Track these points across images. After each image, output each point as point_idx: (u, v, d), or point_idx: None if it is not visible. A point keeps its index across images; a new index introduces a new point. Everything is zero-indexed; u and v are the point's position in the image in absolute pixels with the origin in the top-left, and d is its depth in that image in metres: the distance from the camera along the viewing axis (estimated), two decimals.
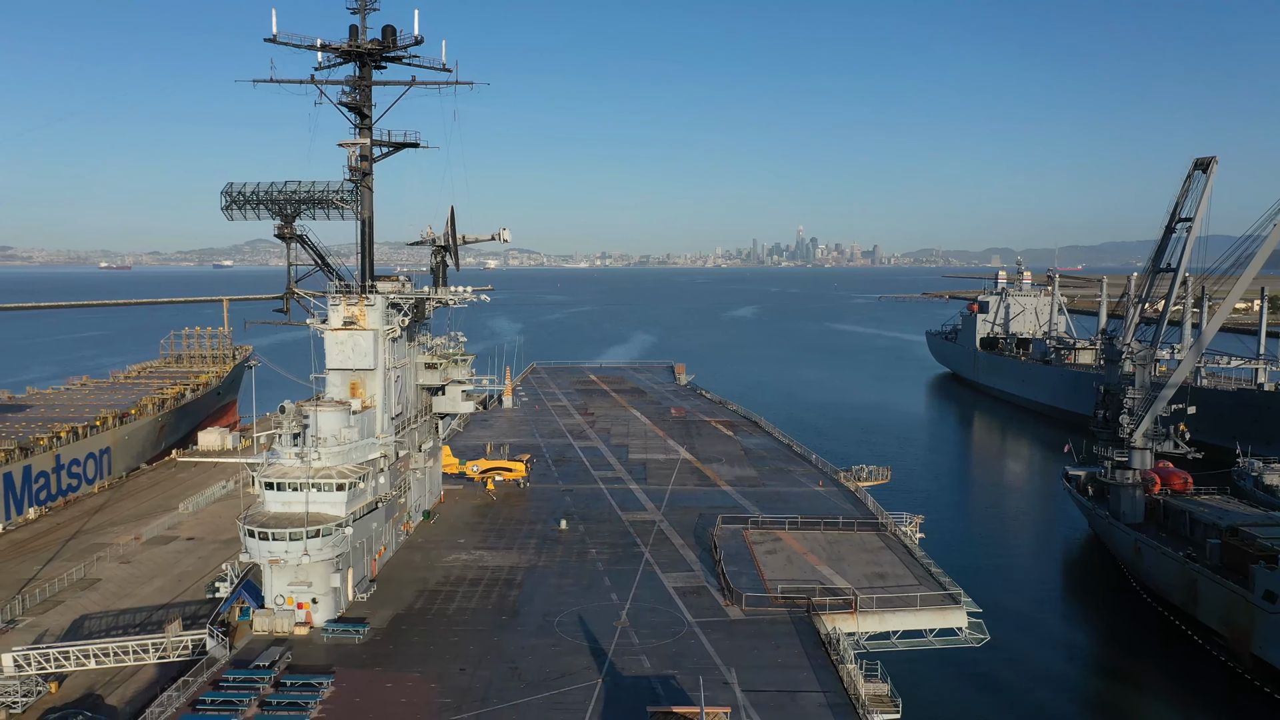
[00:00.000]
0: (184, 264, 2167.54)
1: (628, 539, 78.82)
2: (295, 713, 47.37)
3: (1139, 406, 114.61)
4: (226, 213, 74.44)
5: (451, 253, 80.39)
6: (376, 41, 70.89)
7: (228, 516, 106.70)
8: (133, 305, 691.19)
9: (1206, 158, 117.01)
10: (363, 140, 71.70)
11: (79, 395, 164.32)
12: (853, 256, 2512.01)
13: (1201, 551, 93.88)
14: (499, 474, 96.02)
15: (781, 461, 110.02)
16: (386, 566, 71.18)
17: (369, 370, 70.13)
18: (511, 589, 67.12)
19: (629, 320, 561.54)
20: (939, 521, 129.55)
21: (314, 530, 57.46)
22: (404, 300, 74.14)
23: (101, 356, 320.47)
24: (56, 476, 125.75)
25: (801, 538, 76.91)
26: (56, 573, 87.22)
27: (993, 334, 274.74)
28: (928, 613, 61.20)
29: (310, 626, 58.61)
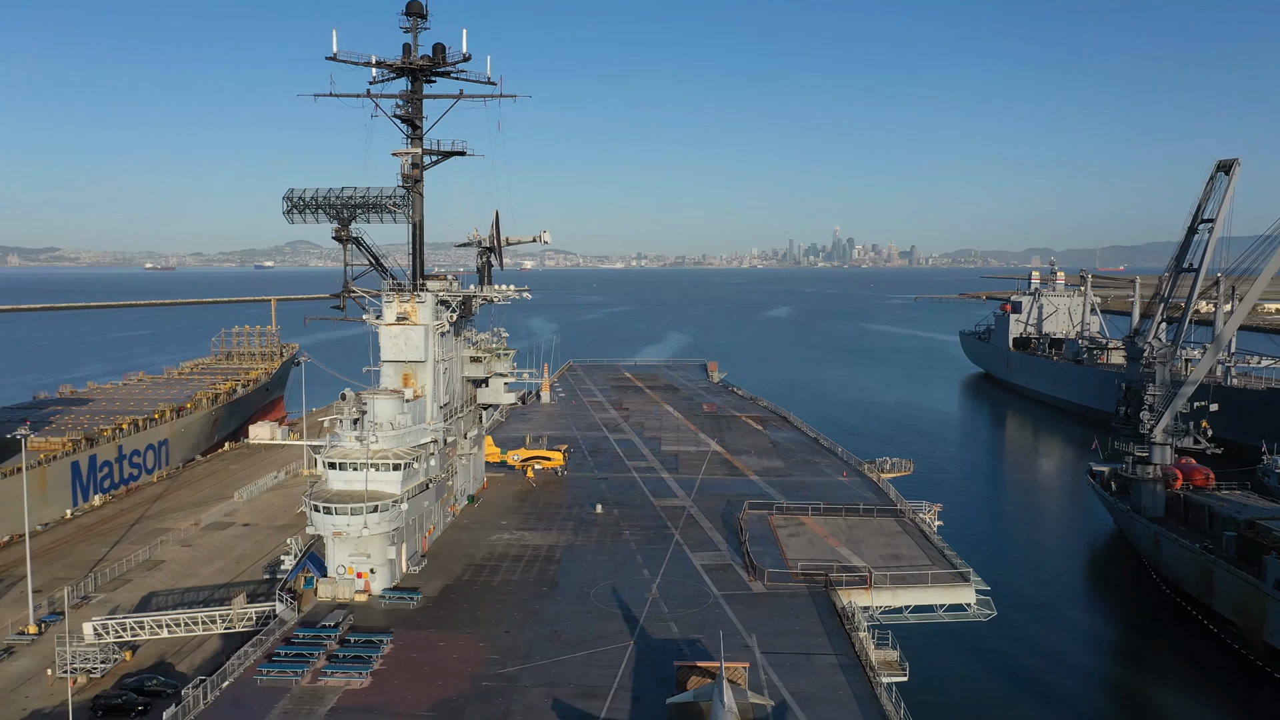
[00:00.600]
0: (226, 264, 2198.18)
1: (659, 522, 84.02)
2: (359, 665, 53.00)
3: (1159, 403, 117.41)
4: (287, 216, 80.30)
5: (496, 254, 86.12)
6: (427, 58, 76.56)
7: (280, 504, 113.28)
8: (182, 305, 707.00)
9: (1229, 160, 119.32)
10: (415, 150, 77.44)
11: (137, 390, 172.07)
12: (890, 257, 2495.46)
13: (1218, 544, 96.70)
14: (538, 462, 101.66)
15: (808, 454, 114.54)
16: (435, 544, 76.78)
17: (420, 362, 75.87)
18: (551, 565, 72.61)
19: (664, 320, 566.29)
20: (963, 513, 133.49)
21: (372, 506, 63.31)
22: (452, 298, 79.88)
23: (151, 355, 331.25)
24: (119, 466, 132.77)
25: (823, 522, 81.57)
26: (123, 554, 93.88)
27: (1025, 334, 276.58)
28: (938, 589, 65.72)
29: (369, 594, 64.38)
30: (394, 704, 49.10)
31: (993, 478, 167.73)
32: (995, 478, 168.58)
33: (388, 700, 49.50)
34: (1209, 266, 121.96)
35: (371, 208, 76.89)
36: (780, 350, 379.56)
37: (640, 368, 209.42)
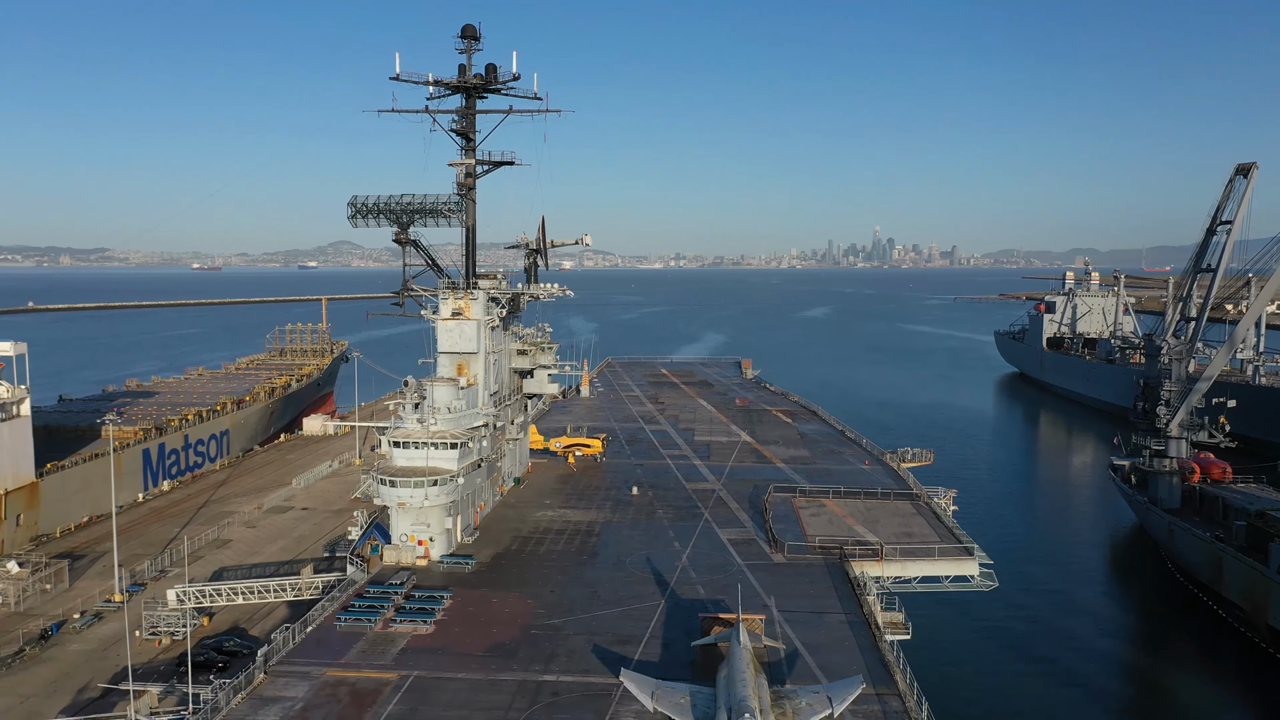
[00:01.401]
0: (270, 265, 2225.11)
1: (690, 503, 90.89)
2: (424, 615, 60.55)
3: (1175, 399, 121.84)
4: (351, 221, 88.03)
5: (542, 255, 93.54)
6: (480, 77, 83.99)
7: (335, 491, 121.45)
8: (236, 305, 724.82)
9: (1248, 163, 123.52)
10: (468, 160, 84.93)
11: (198, 384, 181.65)
12: (930, 257, 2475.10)
13: (1229, 533, 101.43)
14: (579, 449, 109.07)
15: (834, 445, 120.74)
16: (486, 519, 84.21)
17: (472, 353, 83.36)
18: (590, 537, 79.87)
19: (701, 320, 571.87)
20: (983, 502, 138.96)
21: (432, 480, 70.87)
22: (501, 295, 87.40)
23: (202, 352, 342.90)
24: (185, 454, 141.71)
25: (842, 504, 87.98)
26: (193, 534, 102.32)
27: (1059, 334, 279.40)
28: (944, 561, 71.93)
29: (428, 559, 72.01)
30: (455, 646, 56.54)
31: (1017, 471, 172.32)
32: (1020, 471, 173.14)
33: (449, 643, 56.95)
34: (1226, 267, 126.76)
35: (429, 213, 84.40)
36: (815, 350, 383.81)
37: (676, 365, 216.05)
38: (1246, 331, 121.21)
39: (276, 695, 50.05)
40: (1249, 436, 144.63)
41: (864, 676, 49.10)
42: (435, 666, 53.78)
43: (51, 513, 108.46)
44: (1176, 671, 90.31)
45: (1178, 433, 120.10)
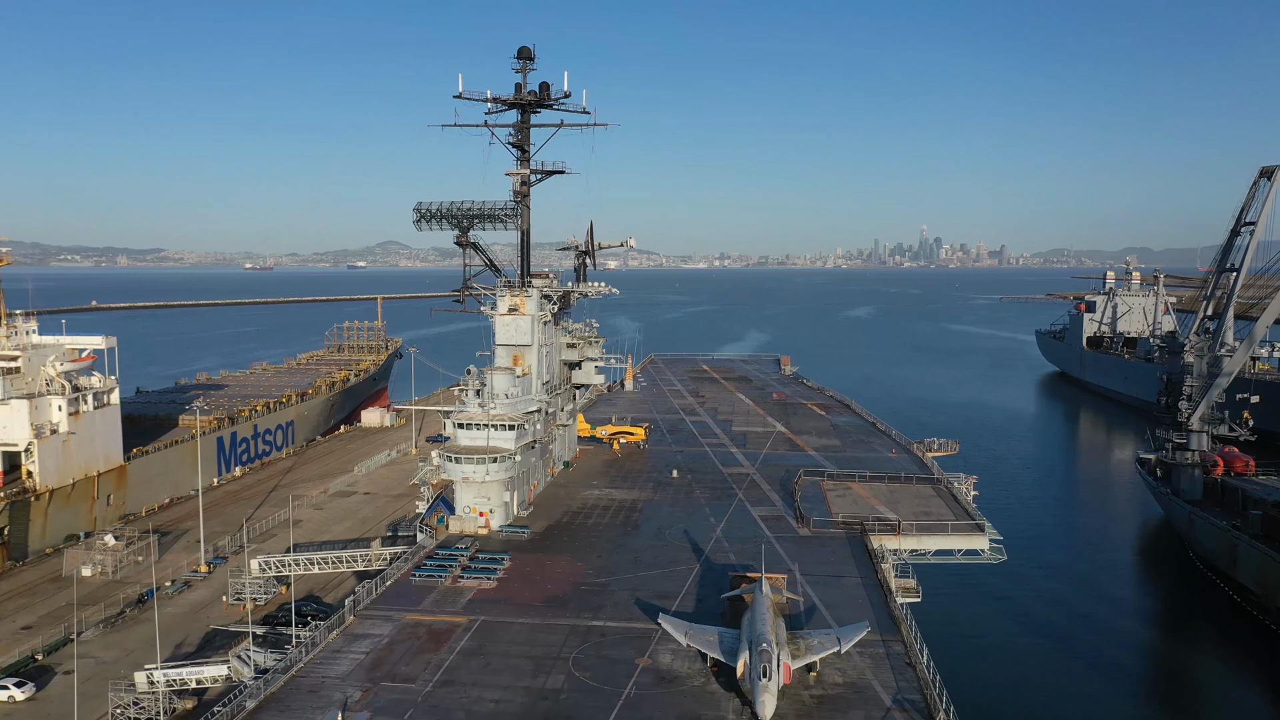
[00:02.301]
0: (320, 265, 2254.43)
1: (725, 484, 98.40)
2: (487, 573, 69.02)
3: (1196, 393, 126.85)
4: (416, 225, 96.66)
5: (590, 256, 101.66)
6: (534, 94, 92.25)
7: (394, 478, 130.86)
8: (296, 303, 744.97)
9: (1272, 166, 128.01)
10: (523, 170, 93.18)
11: (263, 378, 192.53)
12: (978, 257, 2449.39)
13: (1246, 521, 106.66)
14: (623, 437, 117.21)
15: (864, 435, 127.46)
16: (539, 496, 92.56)
17: (527, 345, 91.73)
18: (633, 513, 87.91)
19: (744, 319, 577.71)
20: (1011, 492, 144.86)
21: (492, 458, 79.31)
22: (553, 293, 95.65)
23: (258, 349, 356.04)
24: (254, 442, 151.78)
25: (867, 487, 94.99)
26: (266, 515, 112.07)
27: (1099, 333, 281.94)
28: (957, 536, 78.77)
29: (489, 529, 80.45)
30: (516, 598, 64.81)
31: (1047, 464, 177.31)
32: (1050, 464, 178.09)
33: (511, 595, 65.26)
34: (1249, 267, 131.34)
35: (487, 218, 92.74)
36: (857, 349, 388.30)
37: (717, 361, 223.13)
38: (1263, 330, 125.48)
39: (365, 633, 58.50)
40: (1273, 432, 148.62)
41: (872, 625, 56.29)
42: (499, 613, 62.04)
43: (137, 494, 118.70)
44: (1187, 650, 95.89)
45: (1198, 426, 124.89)
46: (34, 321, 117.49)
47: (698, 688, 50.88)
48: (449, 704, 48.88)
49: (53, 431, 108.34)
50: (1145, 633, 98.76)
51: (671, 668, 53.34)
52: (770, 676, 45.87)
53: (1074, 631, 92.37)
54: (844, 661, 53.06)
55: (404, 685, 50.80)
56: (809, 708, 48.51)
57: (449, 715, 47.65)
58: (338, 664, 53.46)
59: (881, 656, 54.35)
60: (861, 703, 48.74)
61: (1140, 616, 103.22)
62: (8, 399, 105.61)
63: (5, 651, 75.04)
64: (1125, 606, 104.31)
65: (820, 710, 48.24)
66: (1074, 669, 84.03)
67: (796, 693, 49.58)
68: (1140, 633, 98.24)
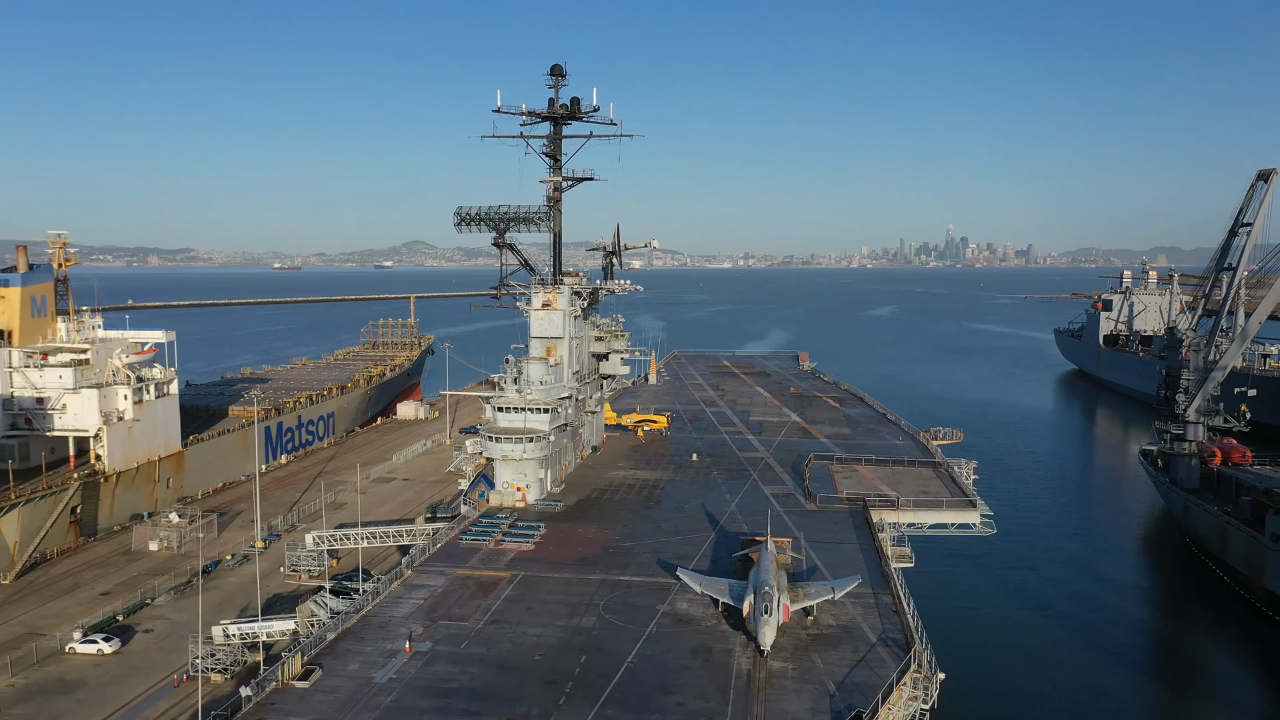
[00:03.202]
0: (347, 264, 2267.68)
1: (741, 467, 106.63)
2: (526, 537, 78.12)
3: (1193, 386, 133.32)
4: (457, 228, 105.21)
5: (617, 256, 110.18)
6: (565, 108, 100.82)
7: (430, 465, 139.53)
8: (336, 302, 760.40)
9: (1269, 169, 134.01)
10: (556, 178, 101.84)
11: (304, 372, 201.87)
12: (1005, 256, 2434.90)
13: (1237, 507, 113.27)
14: (647, 424, 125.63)
15: (874, 425, 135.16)
16: (570, 475, 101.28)
17: (559, 338, 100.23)
18: (656, 490, 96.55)
19: (768, 318, 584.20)
20: (1015, 480, 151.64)
21: (529, 437, 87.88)
22: (583, 290, 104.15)
23: (291, 346, 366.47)
24: (299, 432, 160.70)
25: (872, 469, 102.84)
26: (312, 498, 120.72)
27: (1116, 331, 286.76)
28: (951, 511, 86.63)
29: (525, 502, 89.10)
30: (551, 557, 73.52)
31: (1055, 455, 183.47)
32: (1058, 456, 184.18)
33: (547, 555, 74.04)
34: (1246, 266, 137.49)
35: (522, 221, 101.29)
36: (878, 348, 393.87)
37: (738, 358, 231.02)
38: (1256, 327, 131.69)
39: (421, 584, 67.20)
40: (1271, 425, 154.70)
41: (865, 581, 64.20)
42: (537, 570, 70.73)
43: (193, 478, 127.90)
44: (1173, 624, 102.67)
45: (1194, 418, 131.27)
46: (99, 317, 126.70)
47: (710, 627, 59.19)
48: (498, 637, 57.41)
49: (119, 419, 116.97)
50: (1133, 607, 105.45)
51: (688, 612, 61.69)
52: (771, 613, 53.99)
53: (1062, 604, 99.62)
54: (838, 609, 61.13)
55: (459, 623, 59.42)
56: (804, 643, 56.63)
57: (498, 645, 56.16)
58: (401, 607, 62.11)
59: (871, 606, 62.30)
60: (850, 640, 56.80)
61: (1130, 593, 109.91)
62: (79, 388, 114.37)
63: (90, 613, 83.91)
64: (1117, 584, 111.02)
65: (814, 645, 56.33)
66: (1056, 635, 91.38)
67: (795, 631, 57.70)
68: (1128, 607, 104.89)
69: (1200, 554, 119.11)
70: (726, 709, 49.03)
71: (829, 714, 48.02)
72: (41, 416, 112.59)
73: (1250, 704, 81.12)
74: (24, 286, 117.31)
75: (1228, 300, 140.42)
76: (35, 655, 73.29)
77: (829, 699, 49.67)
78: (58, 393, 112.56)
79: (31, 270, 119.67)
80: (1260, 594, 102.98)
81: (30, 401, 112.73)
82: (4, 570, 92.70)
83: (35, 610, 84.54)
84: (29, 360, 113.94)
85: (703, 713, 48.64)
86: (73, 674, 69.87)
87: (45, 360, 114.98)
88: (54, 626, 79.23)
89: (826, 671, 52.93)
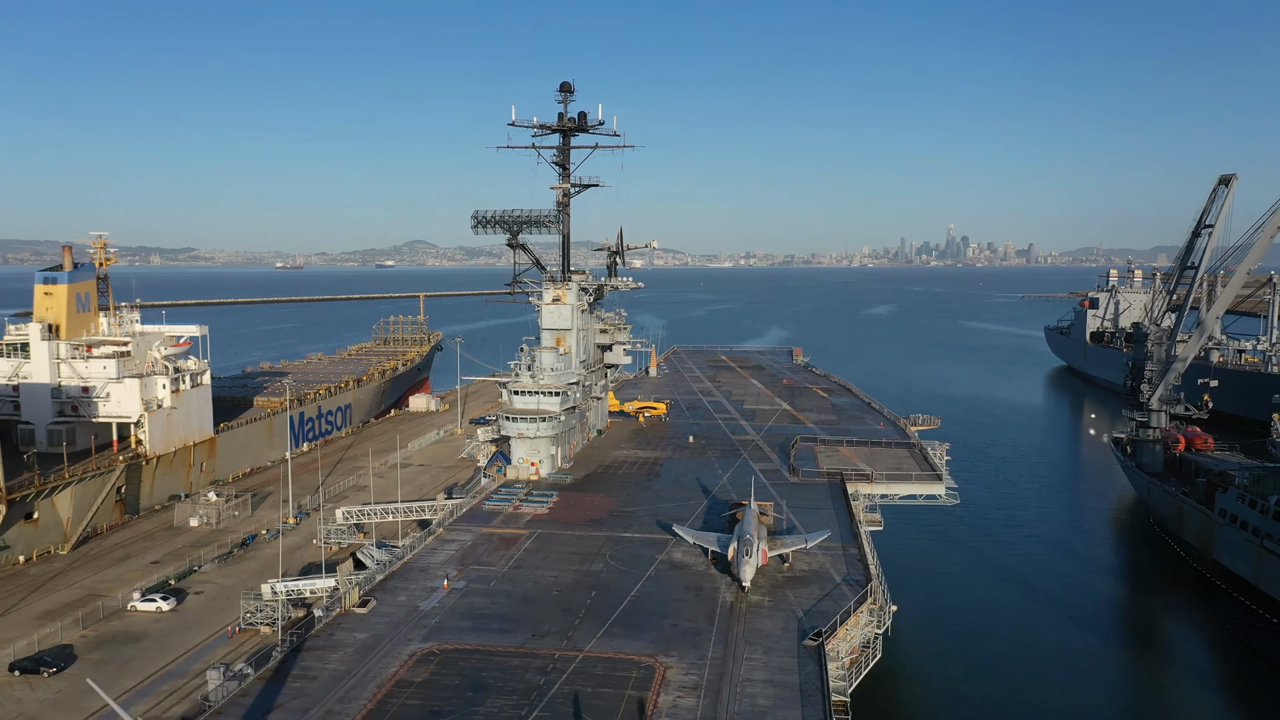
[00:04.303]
0: (349, 264, 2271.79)
1: (733, 447, 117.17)
2: (540, 504, 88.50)
3: (1155, 377, 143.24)
4: (474, 230, 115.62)
5: (620, 255, 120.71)
6: (573, 121, 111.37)
7: (444, 453, 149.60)
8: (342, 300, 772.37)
9: (1229, 174, 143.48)
10: (565, 185, 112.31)
11: (320, 366, 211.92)
12: (1006, 255, 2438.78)
13: (1193, 488, 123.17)
14: (648, 411, 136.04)
15: (859, 412, 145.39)
16: (577, 454, 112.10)
17: (567, 329, 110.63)
18: (656, 466, 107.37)
19: (767, 317, 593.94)
20: (991, 464, 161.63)
21: (542, 418, 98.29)
22: (589, 286, 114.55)
23: (299, 344, 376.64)
24: (319, 422, 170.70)
25: (852, 449, 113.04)
26: (335, 481, 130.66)
27: (1101, 328, 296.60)
28: (920, 484, 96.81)
29: (538, 475, 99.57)
30: (564, 519, 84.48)
31: (1034, 444, 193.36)
32: (1037, 444, 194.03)
33: (560, 517, 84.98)
34: (1207, 265, 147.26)
35: (534, 224, 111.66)
36: (874, 346, 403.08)
37: (735, 353, 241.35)
38: (1215, 320, 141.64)
39: (452, 539, 77.83)
40: (1231, 413, 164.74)
41: (835, 535, 74.49)
42: (552, 528, 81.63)
43: (224, 463, 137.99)
44: (1127, 590, 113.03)
45: (1158, 406, 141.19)
46: (137, 313, 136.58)
47: (700, 571, 69.72)
48: (520, 578, 68.05)
49: (158, 406, 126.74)
50: (1088, 574, 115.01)
51: (682, 560, 72.23)
52: (751, 555, 64.36)
53: (1022, 568, 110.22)
54: (810, 557, 71.57)
55: (486, 568, 70.01)
56: (780, 583, 67.09)
57: (521, 584, 66.74)
58: (436, 556, 72.65)
59: (840, 556, 72.68)
60: (819, 580, 67.18)
61: (1088, 563, 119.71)
62: (122, 378, 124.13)
63: (143, 578, 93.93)
64: (1077, 555, 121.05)
65: (788, 585, 66.75)
66: (1011, 590, 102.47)
67: (772, 574, 68.16)
68: (1085, 575, 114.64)
69: (1161, 532, 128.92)
70: (711, 629, 59.48)
71: (795, 633, 58.28)
72: (87, 404, 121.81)
73: (1194, 660, 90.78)
74: (70, 284, 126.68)
75: (1189, 297, 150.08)
76: (101, 612, 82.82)
77: (796, 622, 60.01)
78: (102, 382, 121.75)
79: (76, 269, 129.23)
80: (1210, 566, 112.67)
81: (76, 390, 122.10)
82: (60, 542, 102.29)
83: (93, 576, 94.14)
84: (75, 352, 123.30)
85: (692, 631, 59.04)
86: (136, 627, 79.26)
87: (90, 352, 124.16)
88: (113, 589, 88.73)
89: (796, 603, 63.26)
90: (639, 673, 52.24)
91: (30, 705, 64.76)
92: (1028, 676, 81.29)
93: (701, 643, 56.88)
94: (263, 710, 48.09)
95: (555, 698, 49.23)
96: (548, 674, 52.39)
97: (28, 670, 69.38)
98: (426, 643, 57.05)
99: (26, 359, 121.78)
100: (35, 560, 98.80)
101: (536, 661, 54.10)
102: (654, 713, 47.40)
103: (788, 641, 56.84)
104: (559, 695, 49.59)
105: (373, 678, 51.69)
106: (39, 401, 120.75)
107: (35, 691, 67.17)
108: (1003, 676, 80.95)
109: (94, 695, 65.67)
